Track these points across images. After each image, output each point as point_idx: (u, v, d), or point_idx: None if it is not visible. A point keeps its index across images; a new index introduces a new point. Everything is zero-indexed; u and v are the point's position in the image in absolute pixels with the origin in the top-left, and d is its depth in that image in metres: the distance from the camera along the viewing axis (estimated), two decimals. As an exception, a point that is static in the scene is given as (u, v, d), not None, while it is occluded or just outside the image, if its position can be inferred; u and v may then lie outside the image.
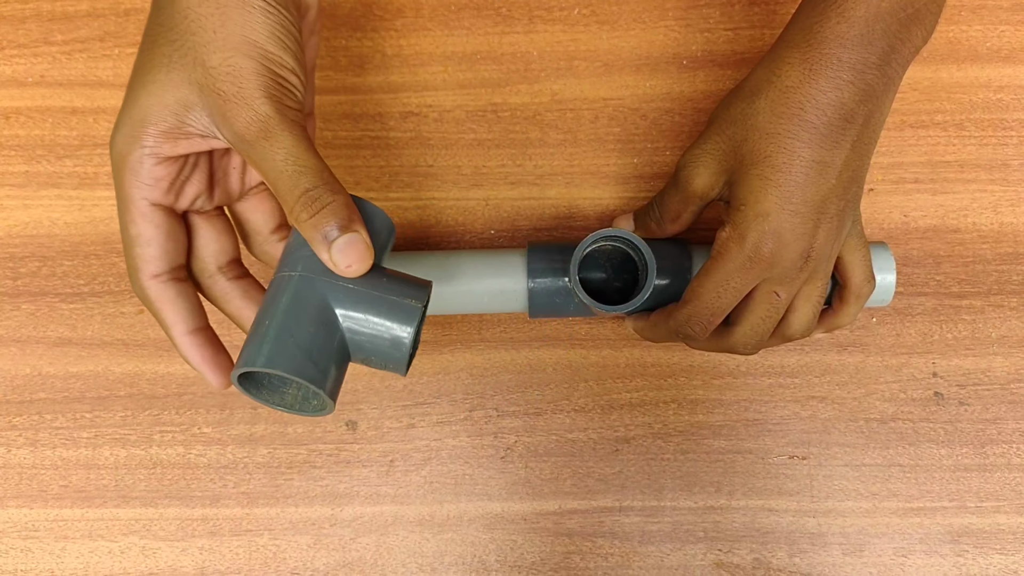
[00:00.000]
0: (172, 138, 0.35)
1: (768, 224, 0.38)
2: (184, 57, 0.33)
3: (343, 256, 0.34)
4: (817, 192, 0.38)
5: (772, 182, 0.38)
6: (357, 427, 0.49)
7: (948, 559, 0.48)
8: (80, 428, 0.49)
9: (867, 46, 0.37)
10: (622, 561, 0.48)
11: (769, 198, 0.38)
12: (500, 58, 0.51)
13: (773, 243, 0.38)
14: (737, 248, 0.39)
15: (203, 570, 0.48)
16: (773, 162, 0.38)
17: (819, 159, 0.37)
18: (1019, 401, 0.49)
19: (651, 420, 0.49)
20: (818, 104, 0.37)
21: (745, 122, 0.39)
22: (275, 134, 0.33)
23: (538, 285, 0.45)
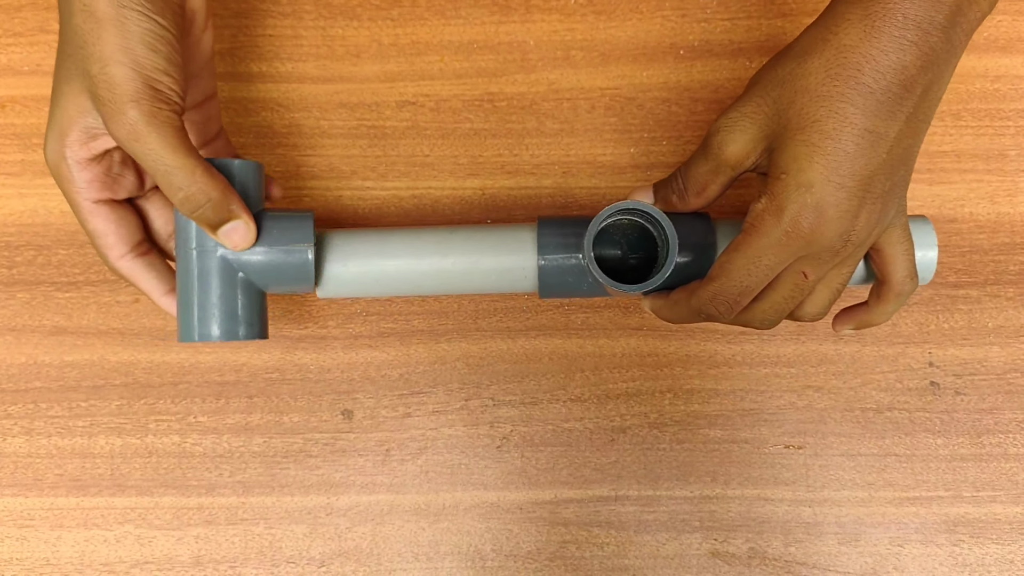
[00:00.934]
0: (85, 142, 0.39)
1: (810, 196, 0.35)
2: (77, 69, 0.37)
3: (228, 239, 0.40)
4: (866, 166, 0.35)
5: (819, 149, 0.35)
6: (353, 416, 0.49)
7: (944, 549, 0.48)
8: (76, 417, 0.49)
9: (934, 2, 0.34)
10: (618, 550, 0.48)
11: (814, 167, 0.35)
12: (497, 47, 0.51)
13: (814, 218, 0.35)
14: (774, 221, 0.36)
15: (199, 559, 0.48)
16: (822, 127, 0.35)
17: (872, 129, 0.35)
18: (1015, 391, 0.49)
19: (647, 410, 0.49)
20: (878, 66, 0.34)
21: (794, 83, 0.36)
22: (143, 137, 0.36)
23: (549, 262, 0.42)
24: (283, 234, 0.41)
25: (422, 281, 0.43)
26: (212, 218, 0.39)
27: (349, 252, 0.42)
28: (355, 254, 0.42)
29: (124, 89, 0.36)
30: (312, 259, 0.41)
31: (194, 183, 0.38)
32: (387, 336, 0.50)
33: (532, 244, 0.42)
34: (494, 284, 0.43)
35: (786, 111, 0.36)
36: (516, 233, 0.43)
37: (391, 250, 0.43)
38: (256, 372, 0.50)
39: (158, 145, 0.37)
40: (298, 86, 0.51)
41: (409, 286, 0.43)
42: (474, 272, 0.43)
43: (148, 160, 0.37)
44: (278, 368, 0.50)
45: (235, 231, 0.39)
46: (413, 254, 0.42)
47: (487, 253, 0.43)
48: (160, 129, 0.37)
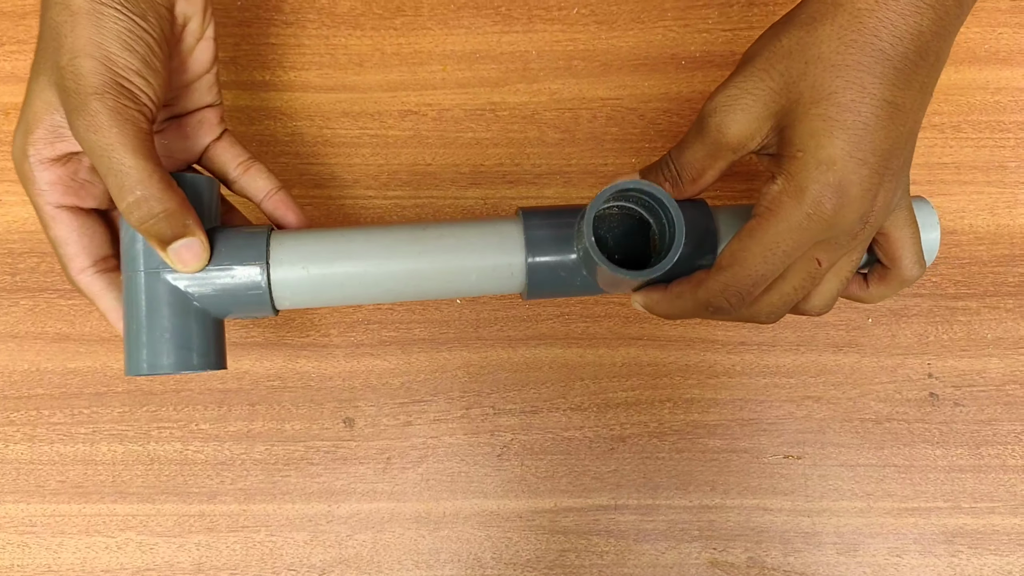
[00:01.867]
0: (50, 141, 0.37)
1: (832, 175, 0.32)
2: (47, 62, 0.36)
3: (179, 258, 0.36)
4: (886, 139, 0.33)
5: (838, 123, 0.32)
6: (354, 424, 0.49)
7: (942, 559, 0.48)
8: (78, 424, 0.50)
9: None
10: (617, 559, 0.48)
11: (835, 143, 0.32)
12: (499, 57, 0.51)
13: (837, 199, 0.33)
14: (794, 204, 0.33)
15: (200, 566, 0.48)
16: (839, 99, 0.32)
17: (891, 99, 0.32)
18: (1014, 402, 0.49)
19: (647, 419, 0.49)
20: (896, 31, 0.32)
21: (804, 53, 0.33)
22: (101, 130, 0.34)
23: (539, 259, 0.37)
24: (234, 253, 0.37)
25: (393, 285, 0.38)
26: (164, 231, 0.36)
27: (307, 256, 0.38)
28: (315, 257, 0.38)
29: (90, 81, 0.34)
30: (265, 284, 0.37)
31: (148, 188, 0.35)
32: (388, 345, 0.50)
33: (518, 239, 0.38)
34: (475, 286, 0.39)
35: (797, 84, 0.33)
36: (499, 228, 0.39)
37: (356, 250, 0.38)
38: (258, 380, 0.50)
39: (116, 140, 0.34)
40: (301, 95, 0.51)
41: (378, 291, 0.38)
42: (454, 273, 0.38)
43: (103, 157, 0.34)
44: (280, 376, 0.50)
45: (187, 249, 0.36)
46: (381, 254, 0.38)
47: (468, 251, 0.38)
48: (122, 126, 0.35)
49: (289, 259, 0.38)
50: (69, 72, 0.35)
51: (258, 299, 0.37)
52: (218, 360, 0.38)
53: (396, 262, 0.38)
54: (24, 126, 0.37)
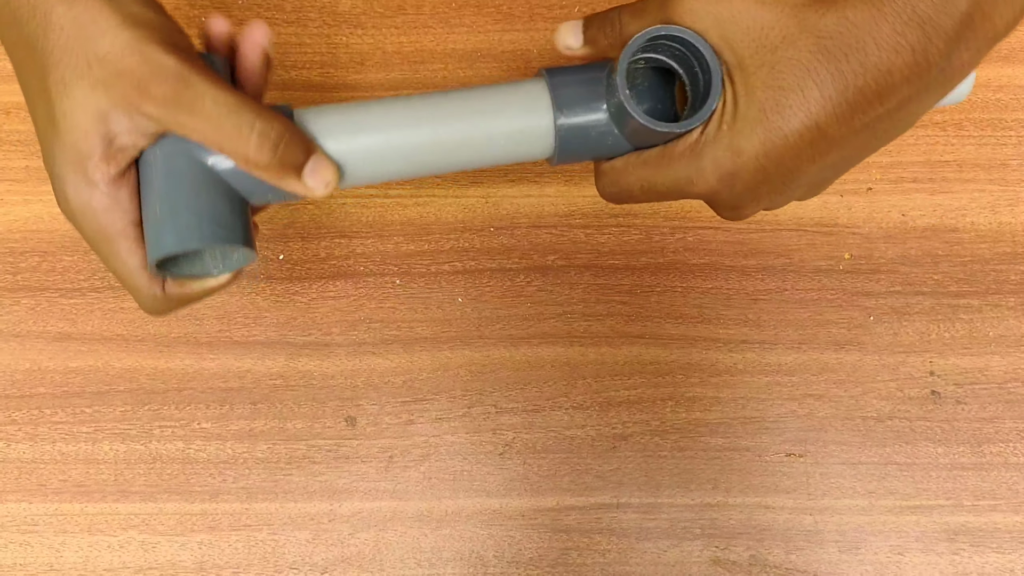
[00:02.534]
0: (112, 158, 0.33)
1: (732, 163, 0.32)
2: (77, 68, 0.32)
3: (318, 179, 0.34)
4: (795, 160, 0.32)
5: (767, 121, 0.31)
6: (356, 423, 0.49)
7: (944, 557, 0.48)
8: (80, 423, 0.50)
9: (946, 4, 0.29)
10: (619, 558, 0.48)
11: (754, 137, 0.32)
12: (500, 56, 0.51)
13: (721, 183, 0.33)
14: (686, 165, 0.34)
15: (202, 564, 0.49)
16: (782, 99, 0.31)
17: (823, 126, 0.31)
18: (1016, 400, 0.49)
19: (649, 417, 0.49)
20: (865, 61, 0.30)
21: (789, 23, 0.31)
22: (194, 83, 0.32)
23: (569, 119, 0.35)
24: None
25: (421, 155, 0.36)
26: (296, 156, 0.33)
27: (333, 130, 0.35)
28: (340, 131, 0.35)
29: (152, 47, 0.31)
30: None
31: (263, 117, 0.32)
32: (390, 343, 0.50)
33: (546, 100, 0.35)
34: (501, 153, 0.36)
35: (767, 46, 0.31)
36: (523, 88, 0.36)
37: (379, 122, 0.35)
38: (260, 378, 0.50)
39: (209, 87, 0.32)
40: (302, 93, 0.51)
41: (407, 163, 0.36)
42: (480, 138, 0.36)
43: (206, 109, 0.31)
44: (282, 375, 0.50)
45: (323, 167, 0.34)
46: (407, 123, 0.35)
47: (490, 115, 0.35)
48: (204, 71, 0.32)
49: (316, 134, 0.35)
50: (118, 52, 0.31)
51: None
52: (247, 238, 0.34)
53: (421, 130, 0.35)
54: (71, 159, 0.32)
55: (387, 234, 0.51)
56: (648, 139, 0.35)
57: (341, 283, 0.50)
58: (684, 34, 0.32)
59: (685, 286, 0.50)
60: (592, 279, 0.50)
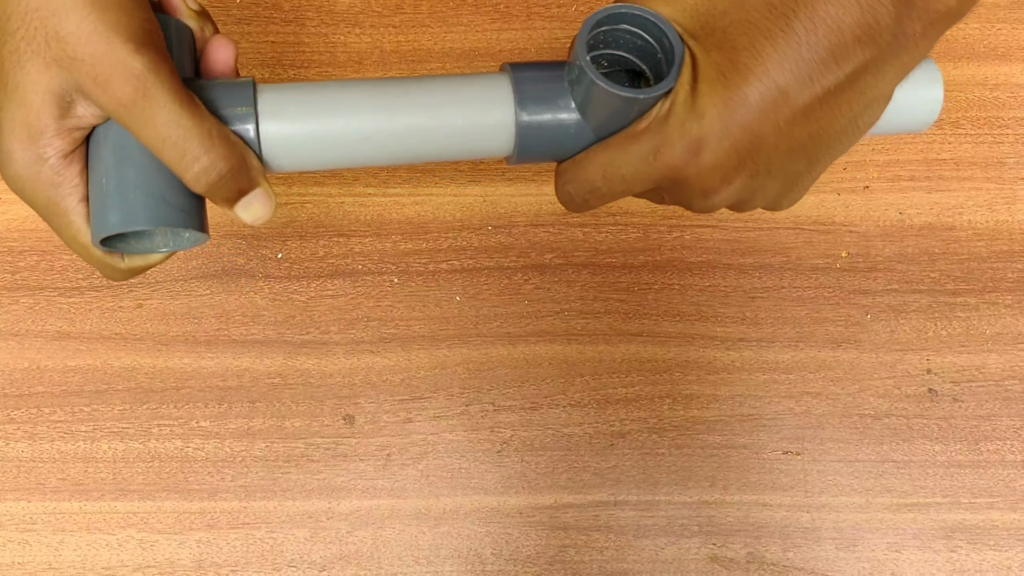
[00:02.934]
0: (63, 133, 0.31)
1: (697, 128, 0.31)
2: (33, 41, 0.30)
3: (250, 213, 0.34)
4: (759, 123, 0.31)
5: (725, 81, 0.30)
6: (354, 421, 0.50)
7: (941, 554, 0.48)
8: (78, 421, 0.50)
9: None
10: (617, 555, 0.48)
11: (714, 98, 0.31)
12: (498, 55, 0.52)
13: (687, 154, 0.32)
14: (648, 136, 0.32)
15: (200, 563, 0.49)
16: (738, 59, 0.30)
17: (782, 85, 0.30)
18: (1013, 398, 0.49)
19: (646, 415, 0.49)
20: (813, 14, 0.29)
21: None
22: (153, 93, 0.30)
23: (531, 115, 0.34)
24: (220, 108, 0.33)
25: (369, 144, 0.34)
26: (231, 191, 0.32)
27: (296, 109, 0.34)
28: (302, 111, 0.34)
29: (119, 36, 0.29)
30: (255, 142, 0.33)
31: (212, 149, 0.31)
32: (388, 341, 0.50)
33: (508, 93, 0.34)
34: (458, 147, 0.35)
35: (718, 18, 0.31)
36: (485, 81, 0.35)
37: (331, 105, 0.34)
38: (258, 377, 0.50)
39: (169, 101, 0.30)
40: (300, 92, 0.51)
41: (354, 149, 0.35)
42: (437, 130, 0.34)
43: (158, 124, 0.30)
44: (280, 373, 0.50)
45: (257, 201, 0.33)
46: (359, 108, 0.34)
47: (450, 106, 0.34)
48: (170, 82, 0.30)
49: (278, 113, 0.33)
50: (83, 36, 0.29)
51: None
52: (199, 222, 0.33)
53: (376, 116, 0.34)
54: (22, 130, 0.31)
55: (385, 233, 0.51)
56: (613, 119, 0.34)
57: (339, 282, 0.50)
58: (640, 10, 0.32)
59: (683, 284, 0.50)
60: (590, 277, 0.50)
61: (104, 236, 0.32)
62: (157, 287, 0.51)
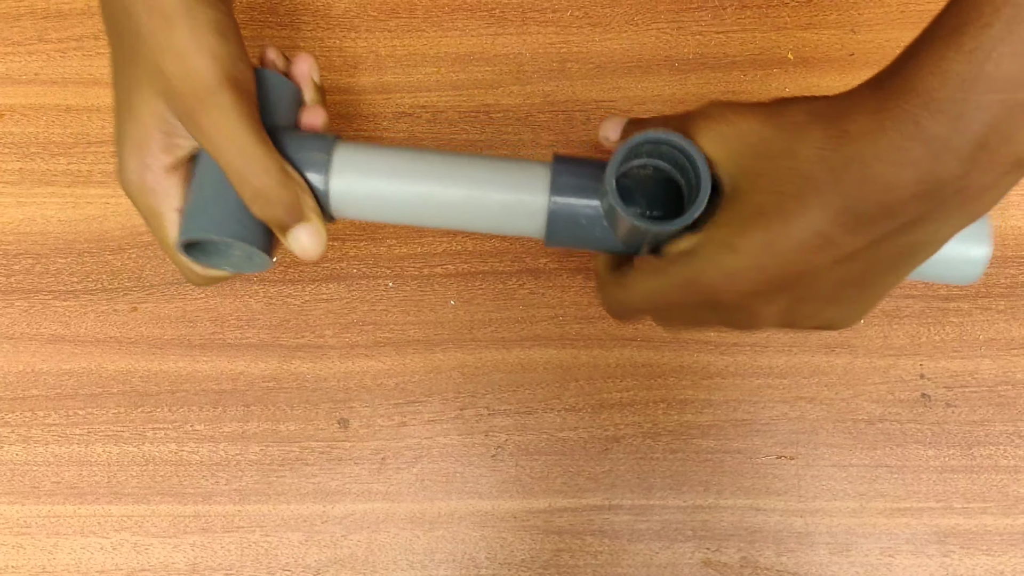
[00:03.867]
0: (167, 150, 0.38)
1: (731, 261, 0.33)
2: (146, 72, 0.37)
3: (298, 244, 0.38)
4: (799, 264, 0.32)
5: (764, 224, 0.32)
6: (349, 425, 0.50)
7: (935, 560, 0.48)
8: (73, 425, 0.50)
9: (956, 119, 0.28)
10: (611, 559, 0.48)
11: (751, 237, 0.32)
12: (493, 59, 0.52)
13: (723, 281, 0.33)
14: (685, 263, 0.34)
15: (195, 566, 0.49)
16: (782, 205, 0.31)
17: (826, 233, 0.31)
18: (1006, 403, 0.49)
19: (641, 420, 0.49)
20: (865, 175, 0.29)
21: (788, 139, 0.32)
22: (227, 127, 0.36)
23: (561, 203, 0.37)
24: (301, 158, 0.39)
25: (418, 207, 0.39)
26: (284, 219, 0.38)
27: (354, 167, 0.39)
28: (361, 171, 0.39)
29: (206, 78, 0.36)
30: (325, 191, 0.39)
31: (270, 178, 0.37)
32: (383, 346, 0.50)
33: (544, 182, 0.38)
34: (496, 222, 0.39)
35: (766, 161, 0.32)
36: (528, 168, 0.39)
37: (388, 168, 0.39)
38: (253, 381, 0.50)
39: (243, 132, 0.36)
40: (296, 97, 0.52)
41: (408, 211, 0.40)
42: (476, 205, 0.39)
43: (230, 151, 0.36)
44: (275, 377, 0.50)
45: (305, 234, 0.38)
46: (413, 177, 0.39)
47: (493, 185, 0.38)
48: (244, 119, 0.36)
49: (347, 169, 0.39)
50: (181, 75, 0.36)
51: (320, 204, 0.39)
52: (266, 245, 0.39)
53: (426, 185, 0.38)
54: (137, 141, 0.38)
55: (380, 237, 0.51)
56: (633, 235, 0.36)
57: (334, 286, 0.50)
58: (675, 139, 0.34)
59: (677, 289, 0.50)
60: (584, 282, 0.50)
61: (183, 241, 0.38)
62: (152, 291, 0.51)
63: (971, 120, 0.28)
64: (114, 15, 0.38)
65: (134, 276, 0.51)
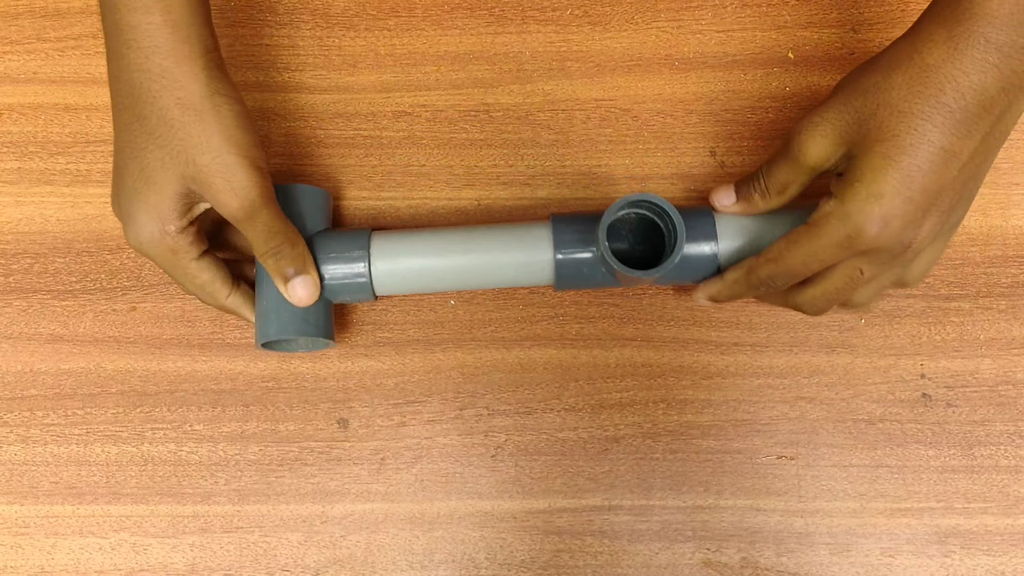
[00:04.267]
0: (183, 214, 0.42)
1: (879, 207, 0.37)
2: (176, 159, 0.41)
3: (295, 292, 0.44)
4: (937, 181, 0.37)
5: (894, 163, 0.37)
6: (348, 425, 0.49)
7: (935, 560, 0.48)
8: (71, 425, 0.50)
9: (1018, 27, 0.35)
10: (611, 560, 0.48)
11: (888, 179, 0.37)
12: (493, 58, 0.51)
13: (879, 227, 0.38)
14: (838, 224, 0.39)
15: (194, 566, 0.48)
16: (900, 142, 0.37)
17: (947, 147, 0.37)
18: (1007, 403, 0.49)
19: (641, 420, 0.49)
20: (959, 87, 0.36)
21: (877, 96, 0.38)
22: (257, 213, 0.42)
23: (565, 256, 0.44)
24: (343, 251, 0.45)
25: (447, 277, 0.46)
26: (287, 271, 0.43)
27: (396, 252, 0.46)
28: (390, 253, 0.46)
29: (241, 176, 0.41)
30: (367, 275, 0.45)
31: (283, 241, 0.43)
32: (382, 346, 0.50)
33: (548, 240, 0.45)
34: (512, 279, 0.46)
35: (867, 121, 0.38)
36: (532, 230, 0.46)
37: (417, 250, 0.46)
38: (252, 381, 0.50)
39: (268, 219, 0.42)
40: (295, 96, 0.51)
41: (437, 282, 0.46)
42: (493, 268, 0.45)
43: (257, 229, 0.42)
44: (274, 377, 0.50)
45: (302, 284, 0.44)
46: (436, 253, 0.45)
47: (505, 250, 0.45)
48: (270, 205, 0.42)
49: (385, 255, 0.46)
50: (214, 170, 0.40)
51: (362, 286, 0.46)
52: (328, 332, 0.46)
53: (451, 259, 0.45)
54: (155, 212, 0.41)
55: (379, 236, 0.50)
56: (628, 279, 0.43)
57: (333, 285, 0.50)
58: (654, 199, 0.41)
59: (677, 289, 0.50)
60: (584, 281, 0.50)
61: (264, 342, 0.45)
62: (151, 290, 0.50)
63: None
64: (136, 96, 0.40)
65: (133, 276, 0.51)
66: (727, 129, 0.51)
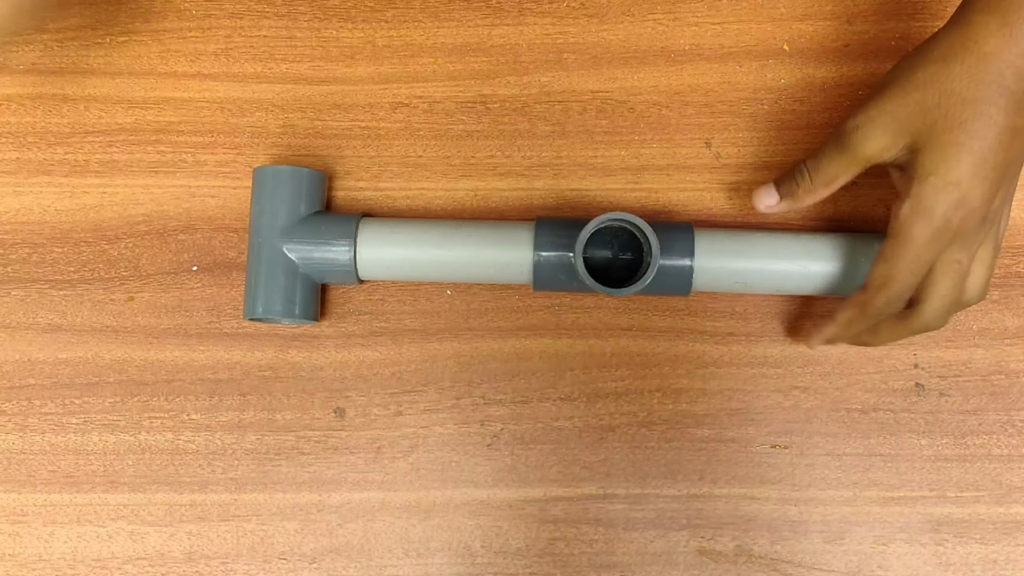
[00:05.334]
0: None
1: (958, 192, 0.39)
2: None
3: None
4: (1006, 157, 0.39)
5: (967, 148, 0.39)
6: (345, 414, 0.50)
7: (928, 548, 0.49)
8: (69, 414, 0.50)
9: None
10: (606, 547, 0.49)
11: (963, 166, 0.39)
12: (490, 50, 0.52)
13: (963, 212, 0.39)
14: (925, 223, 0.40)
15: (191, 555, 0.49)
16: (969, 128, 0.39)
17: (1012, 125, 0.39)
18: (999, 392, 0.50)
19: (636, 409, 0.50)
20: (1018, 70, 0.38)
21: (938, 86, 0.39)
22: None
23: (543, 259, 0.46)
24: (331, 233, 0.47)
25: (430, 267, 0.47)
26: None
27: (384, 240, 0.47)
28: (380, 242, 0.47)
29: None
30: (352, 259, 0.46)
31: None
32: (379, 335, 0.50)
33: (530, 241, 0.46)
34: (492, 276, 0.47)
35: (932, 111, 0.39)
36: (516, 231, 0.47)
37: (403, 239, 0.47)
38: (249, 370, 0.50)
39: None
40: (292, 87, 0.52)
41: (420, 271, 0.48)
42: (474, 264, 0.47)
43: None
44: (271, 366, 0.50)
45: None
46: (421, 243, 0.47)
47: (487, 247, 0.47)
48: None
49: (370, 242, 0.47)
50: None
51: (346, 269, 0.47)
52: (314, 314, 0.48)
53: (434, 251, 0.47)
54: None
55: (376, 226, 0.51)
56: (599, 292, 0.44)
57: (330, 275, 0.50)
58: (630, 219, 0.43)
59: (672, 279, 0.50)
60: (580, 272, 0.51)
61: (251, 317, 0.47)
62: (148, 280, 0.51)
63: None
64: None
65: (131, 265, 0.51)
66: (722, 121, 0.51)
